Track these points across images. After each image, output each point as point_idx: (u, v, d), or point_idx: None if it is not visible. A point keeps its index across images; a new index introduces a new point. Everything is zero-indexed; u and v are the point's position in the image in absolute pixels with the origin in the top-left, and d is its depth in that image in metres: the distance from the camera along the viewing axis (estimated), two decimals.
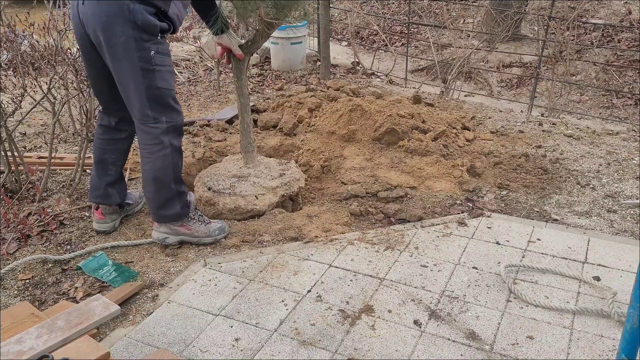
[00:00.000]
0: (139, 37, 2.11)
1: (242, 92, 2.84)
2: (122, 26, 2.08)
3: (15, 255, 2.45)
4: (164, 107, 2.27)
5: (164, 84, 2.24)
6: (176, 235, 2.46)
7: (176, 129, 2.33)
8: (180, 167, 2.40)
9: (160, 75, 2.21)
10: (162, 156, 2.31)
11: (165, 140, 2.29)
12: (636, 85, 6.01)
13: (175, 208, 2.41)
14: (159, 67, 2.20)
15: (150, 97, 2.22)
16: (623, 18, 7.09)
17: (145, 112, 2.25)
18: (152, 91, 2.21)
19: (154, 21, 2.13)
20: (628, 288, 2.18)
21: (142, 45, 2.13)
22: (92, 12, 2.11)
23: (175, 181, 2.38)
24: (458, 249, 2.48)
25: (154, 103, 2.23)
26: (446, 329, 1.99)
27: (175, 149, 2.34)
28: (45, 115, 4.01)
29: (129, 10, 2.07)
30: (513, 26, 6.06)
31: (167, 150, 2.31)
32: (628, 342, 1.39)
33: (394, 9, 8.56)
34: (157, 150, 2.30)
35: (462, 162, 3.24)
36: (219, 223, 2.55)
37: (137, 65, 2.15)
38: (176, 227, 2.45)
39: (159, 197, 2.38)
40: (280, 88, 4.91)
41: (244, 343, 1.93)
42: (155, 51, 2.16)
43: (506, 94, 6.32)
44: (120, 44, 2.10)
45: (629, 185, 3.10)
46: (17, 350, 1.76)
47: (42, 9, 3.52)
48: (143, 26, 2.10)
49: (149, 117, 2.26)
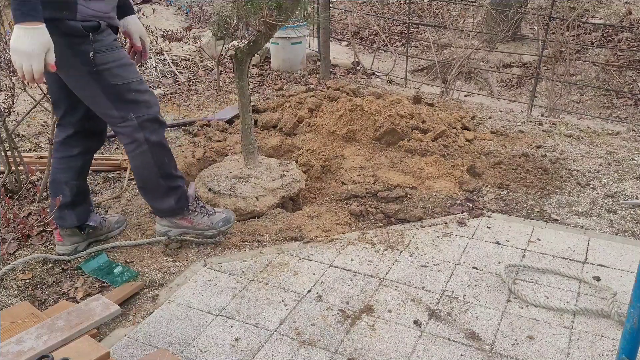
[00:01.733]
0: (70, 42, 1.99)
1: (243, 92, 2.84)
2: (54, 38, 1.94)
3: (15, 255, 2.45)
4: (127, 104, 2.14)
5: (118, 79, 2.10)
6: (178, 229, 2.42)
7: (151, 122, 2.19)
8: (167, 161, 2.28)
9: (110, 73, 2.08)
10: (140, 154, 2.21)
11: (140, 137, 2.17)
12: (636, 85, 6.01)
13: (169, 202, 2.34)
14: (104, 66, 2.07)
15: (110, 97, 2.11)
16: (623, 18, 7.09)
17: (111, 114, 2.14)
18: (109, 90, 2.10)
19: (75, 24, 1.99)
20: (628, 288, 2.18)
21: (77, 49, 2.01)
22: None
23: (164, 177, 2.28)
24: (458, 249, 2.48)
25: (116, 102, 2.12)
26: (446, 329, 1.99)
27: (153, 144, 2.21)
28: (45, 115, 4.01)
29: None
30: (513, 26, 6.06)
31: (143, 148, 2.19)
32: (628, 342, 1.39)
33: (394, 9, 8.56)
34: (134, 149, 2.20)
35: (462, 162, 3.24)
36: (224, 213, 2.48)
37: (82, 71, 2.04)
38: (177, 220, 2.40)
39: (151, 193, 2.34)
40: (280, 88, 4.91)
41: (244, 343, 1.93)
42: (93, 51, 2.03)
43: (506, 94, 6.32)
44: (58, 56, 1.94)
45: (629, 185, 3.10)
46: (17, 350, 1.76)
47: None
48: (67, 32, 1.98)
49: (115, 117, 2.15)
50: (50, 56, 1.88)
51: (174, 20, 7.44)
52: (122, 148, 3.58)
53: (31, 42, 1.81)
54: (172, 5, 8.36)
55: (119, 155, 3.39)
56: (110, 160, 3.30)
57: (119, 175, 3.19)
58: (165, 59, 5.46)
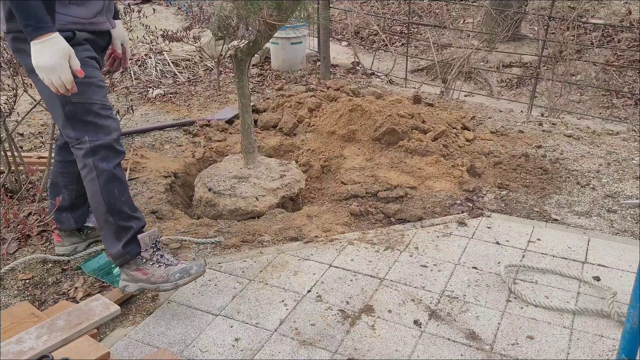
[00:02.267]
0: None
1: (243, 92, 2.84)
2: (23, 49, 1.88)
3: (15, 255, 2.45)
4: (85, 125, 1.95)
5: (79, 97, 1.91)
6: (135, 283, 2.07)
7: (105, 149, 1.97)
8: (118, 195, 2.01)
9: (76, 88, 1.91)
10: (90, 181, 1.99)
11: (89, 162, 1.96)
12: (636, 85, 6.01)
13: (115, 247, 2.03)
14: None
15: (68, 115, 1.94)
16: (623, 18, 7.09)
17: (67, 132, 1.97)
18: (68, 107, 1.93)
19: None
20: (628, 288, 2.18)
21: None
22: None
23: (113, 213, 2.00)
24: (458, 249, 2.48)
25: (73, 121, 1.95)
26: (446, 329, 1.99)
27: (104, 173, 1.97)
28: (45, 115, 4.01)
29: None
30: (513, 26, 6.06)
31: (92, 175, 1.97)
32: (628, 342, 1.39)
33: (394, 9, 8.56)
34: (85, 174, 2.00)
35: (462, 162, 3.24)
36: (185, 264, 2.08)
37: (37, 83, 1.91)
38: (132, 272, 2.06)
39: (102, 230, 2.07)
40: (280, 88, 4.91)
41: (244, 343, 1.93)
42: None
43: (506, 94, 6.32)
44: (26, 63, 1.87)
45: (629, 185, 3.10)
46: (17, 350, 1.76)
47: None
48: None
49: (71, 137, 1.97)
50: (75, 62, 1.81)
51: (174, 20, 7.44)
52: None
53: (51, 55, 1.75)
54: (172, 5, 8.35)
55: None
56: None
57: None
58: (165, 59, 5.46)
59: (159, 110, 4.35)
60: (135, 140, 3.72)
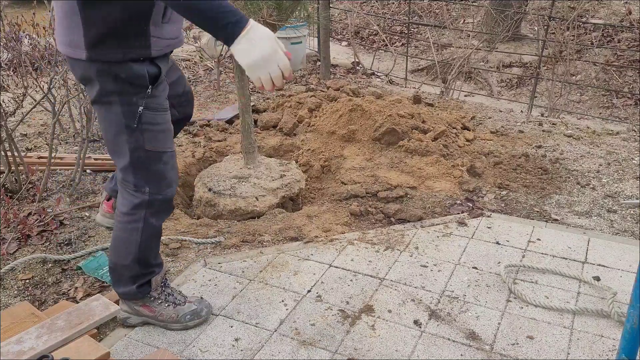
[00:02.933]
0: (122, 89, 1.69)
1: (243, 92, 2.84)
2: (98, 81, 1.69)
3: (15, 255, 2.45)
4: (149, 174, 1.81)
5: (154, 145, 1.78)
6: (138, 316, 2.01)
7: (161, 204, 1.86)
8: (152, 248, 1.93)
9: (150, 135, 1.76)
10: (130, 230, 1.86)
11: (140, 214, 1.84)
12: (636, 85, 6.01)
13: (128, 287, 1.96)
14: (148, 126, 1.75)
15: (135, 161, 1.77)
16: (623, 18, 7.09)
17: (126, 176, 1.81)
18: (138, 154, 1.77)
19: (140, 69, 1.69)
20: (628, 288, 2.18)
21: (127, 99, 1.71)
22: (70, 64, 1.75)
23: (140, 262, 1.91)
24: (458, 249, 2.48)
25: (138, 168, 1.79)
26: (446, 329, 1.99)
27: (150, 227, 1.87)
28: (45, 115, 4.01)
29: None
30: (513, 26, 6.06)
31: (136, 225, 1.85)
32: (628, 342, 1.39)
33: (394, 9, 8.56)
34: (127, 221, 1.86)
35: (462, 162, 3.24)
36: (195, 304, 2.03)
37: (120, 121, 1.73)
38: (137, 307, 2.00)
39: (117, 273, 1.96)
40: (280, 88, 4.91)
41: (244, 343, 1.93)
42: (143, 107, 1.72)
43: (506, 94, 6.32)
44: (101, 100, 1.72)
45: (629, 185, 3.10)
46: (17, 350, 1.76)
47: (42, 9, 3.52)
48: (126, 77, 1.68)
49: (128, 182, 1.82)
50: (282, 45, 1.58)
51: None
52: None
53: (262, 44, 1.51)
54: None
55: None
56: (110, 160, 3.30)
57: None
58: None
59: None
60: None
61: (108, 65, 1.64)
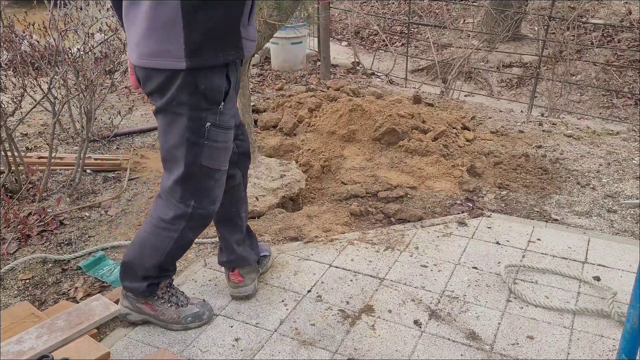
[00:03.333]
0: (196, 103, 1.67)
1: (243, 92, 2.84)
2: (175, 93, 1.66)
3: (15, 255, 2.45)
4: (197, 189, 1.80)
5: (211, 162, 1.77)
6: (139, 314, 2.00)
7: (201, 219, 1.85)
8: (176, 257, 1.95)
9: (211, 152, 1.75)
10: (163, 238, 1.85)
11: (178, 225, 1.83)
12: (636, 85, 6.01)
13: (138, 284, 1.95)
14: (212, 143, 1.74)
15: (187, 175, 1.76)
16: (623, 18, 7.09)
17: (174, 186, 1.79)
18: (194, 168, 1.75)
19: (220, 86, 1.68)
20: (628, 288, 2.18)
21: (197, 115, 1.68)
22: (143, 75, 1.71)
23: (159, 267, 1.91)
24: (458, 249, 2.48)
25: (189, 182, 1.78)
26: (446, 329, 1.99)
27: (184, 239, 1.88)
28: (45, 115, 4.01)
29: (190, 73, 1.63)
30: (513, 26, 6.06)
31: (171, 235, 1.84)
32: (628, 342, 1.39)
33: (394, 9, 8.56)
34: (163, 228, 1.84)
35: (462, 162, 3.24)
36: (197, 307, 2.03)
37: (183, 135, 1.71)
38: (139, 304, 1.99)
39: (131, 270, 1.94)
40: (280, 88, 4.91)
41: (244, 343, 1.93)
42: (212, 124, 1.71)
43: (506, 94, 6.32)
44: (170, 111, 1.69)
45: (629, 185, 3.10)
46: (17, 350, 1.76)
47: (42, 9, 3.52)
48: (204, 91, 1.66)
49: (175, 192, 1.80)
50: None
51: None
52: (122, 148, 3.58)
53: None
54: None
55: (118, 156, 3.40)
56: (110, 160, 3.30)
57: (119, 176, 3.19)
58: None
59: None
60: (135, 140, 3.72)
61: (195, 74, 1.62)
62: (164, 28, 1.57)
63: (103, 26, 3.29)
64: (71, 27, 3.08)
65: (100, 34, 3.39)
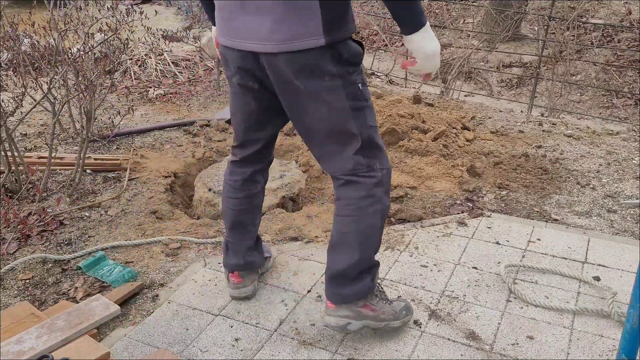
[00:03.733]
0: (344, 70, 1.68)
1: None
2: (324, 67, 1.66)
3: (15, 255, 2.45)
4: (376, 150, 1.79)
5: (373, 120, 1.78)
6: (359, 320, 1.88)
7: (388, 180, 1.83)
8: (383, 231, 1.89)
9: (370, 111, 1.77)
10: (373, 213, 1.79)
11: (378, 193, 1.79)
12: (636, 85, 6.01)
13: (365, 281, 1.87)
14: (367, 102, 1.76)
15: (366, 140, 1.76)
16: (623, 18, 7.09)
17: (359, 160, 1.76)
18: (366, 132, 1.75)
19: (358, 48, 1.72)
20: (628, 288, 2.18)
21: (348, 80, 1.70)
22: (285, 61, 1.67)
23: (376, 249, 1.87)
24: (458, 249, 2.48)
25: (367, 148, 1.76)
26: (446, 329, 1.99)
27: (386, 208, 1.83)
28: (45, 115, 4.01)
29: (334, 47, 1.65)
30: (513, 26, 6.06)
31: (377, 207, 1.79)
32: (628, 342, 1.39)
33: None
34: (367, 205, 1.78)
35: (462, 162, 3.24)
36: (403, 301, 1.98)
37: (345, 106, 1.70)
38: (359, 307, 1.87)
39: (353, 269, 1.83)
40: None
41: (244, 343, 1.93)
42: (361, 83, 1.73)
43: (506, 94, 6.32)
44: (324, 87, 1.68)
45: (629, 185, 3.10)
46: (17, 350, 1.76)
47: (42, 9, 3.52)
48: (348, 57, 1.68)
49: (362, 165, 1.77)
50: None
51: (173, 20, 7.45)
52: (122, 148, 3.58)
53: (437, 42, 1.66)
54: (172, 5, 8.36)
55: (118, 156, 3.40)
56: (110, 160, 3.30)
57: (119, 175, 3.19)
58: (165, 59, 5.46)
59: (159, 110, 4.35)
60: (135, 140, 3.72)
61: (336, 46, 1.65)
62: (301, 11, 1.60)
63: (103, 26, 3.29)
64: (71, 27, 3.07)
65: (100, 34, 3.39)
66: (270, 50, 1.65)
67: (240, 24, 1.67)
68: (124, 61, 5.16)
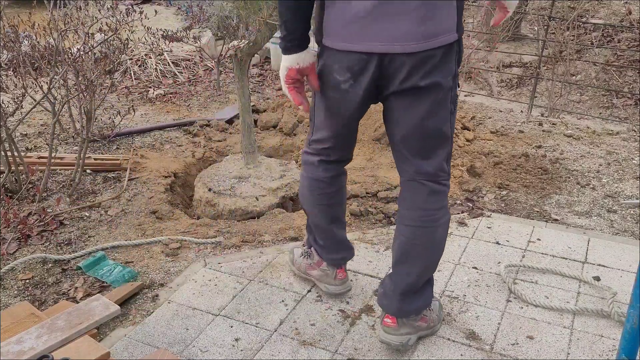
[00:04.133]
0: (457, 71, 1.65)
1: (243, 92, 2.85)
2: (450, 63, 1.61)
3: (15, 255, 2.45)
4: (450, 157, 1.76)
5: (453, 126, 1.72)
6: (415, 333, 1.86)
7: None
8: None
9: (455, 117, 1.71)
10: (443, 225, 1.74)
11: (447, 202, 1.75)
12: (636, 85, 6.01)
13: (427, 292, 1.86)
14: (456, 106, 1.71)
15: (450, 147, 1.72)
16: (623, 18, 7.09)
17: (443, 167, 1.71)
18: (451, 139, 1.71)
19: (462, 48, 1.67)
20: (628, 288, 2.18)
21: (457, 81, 1.66)
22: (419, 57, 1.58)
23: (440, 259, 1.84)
24: (458, 249, 2.48)
25: (450, 154, 1.72)
26: (446, 329, 1.99)
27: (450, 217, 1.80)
28: (45, 115, 4.01)
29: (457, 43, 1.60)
30: (513, 26, 6.06)
31: (447, 218, 1.75)
32: (628, 342, 1.39)
33: None
34: (441, 216, 1.73)
35: (462, 162, 3.24)
36: (435, 300, 1.99)
37: (448, 107, 1.65)
38: (417, 322, 1.86)
39: (420, 281, 1.81)
40: (280, 88, 4.91)
41: (244, 343, 1.93)
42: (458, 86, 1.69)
43: (506, 94, 6.32)
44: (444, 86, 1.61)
45: (629, 185, 3.10)
46: (17, 350, 1.76)
47: (42, 9, 3.52)
48: (459, 55, 1.63)
49: (444, 172, 1.72)
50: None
51: (173, 20, 7.44)
52: (122, 148, 3.58)
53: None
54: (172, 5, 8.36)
55: (118, 156, 3.40)
56: (110, 160, 3.30)
57: (119, 175, 3.19)
58: (165, 59, 5.46)
59: (159, 110, 4.35)
60: (135, 140, 3.72)
61: (460, 42, 1.61)
62: (442, 8, 1.55)
63: (103, 26, 3.29)
64: (71, 27, 3.07)
65: (100, 34, 3.39)
66: (411, 50, 1.56)
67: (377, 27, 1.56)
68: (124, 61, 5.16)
